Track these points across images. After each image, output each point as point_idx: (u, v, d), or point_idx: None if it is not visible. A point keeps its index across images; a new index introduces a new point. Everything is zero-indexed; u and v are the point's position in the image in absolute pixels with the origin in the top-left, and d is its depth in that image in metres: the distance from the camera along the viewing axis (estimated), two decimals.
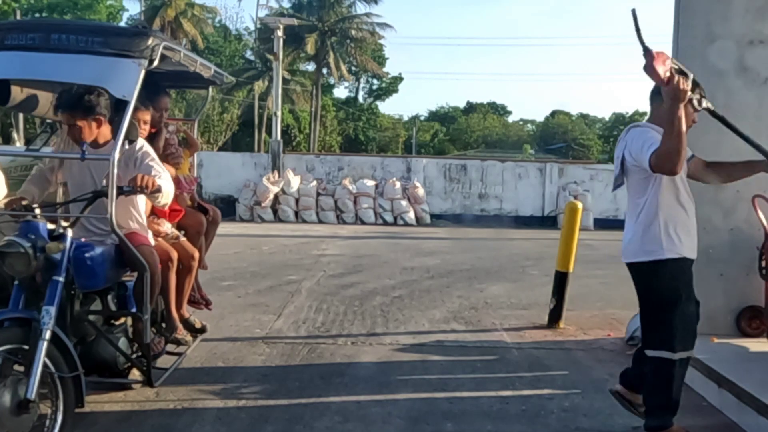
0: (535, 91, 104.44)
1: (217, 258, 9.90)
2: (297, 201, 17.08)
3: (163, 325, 3.85)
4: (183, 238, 3.99)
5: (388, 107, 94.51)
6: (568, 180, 18.18)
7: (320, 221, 17.04)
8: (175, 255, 3.74)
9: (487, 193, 18.16)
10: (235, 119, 39.45)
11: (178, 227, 4.11)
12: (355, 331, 5.58)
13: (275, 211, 17.01)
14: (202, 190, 17.64)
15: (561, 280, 5.75)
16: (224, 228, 14.67)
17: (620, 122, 73.27)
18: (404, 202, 17.20)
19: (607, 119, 74.14)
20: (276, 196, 16.93)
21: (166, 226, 3.88)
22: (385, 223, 17.11)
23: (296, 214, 17.08)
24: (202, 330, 4.25)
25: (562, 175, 18.20)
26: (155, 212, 3.83)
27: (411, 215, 17.16)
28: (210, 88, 4.80)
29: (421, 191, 17.46)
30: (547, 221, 17.92)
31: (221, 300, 6.70)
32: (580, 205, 5.69)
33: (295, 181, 17.10)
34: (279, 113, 17.79)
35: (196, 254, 4.00)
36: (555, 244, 13.30)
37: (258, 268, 8.99)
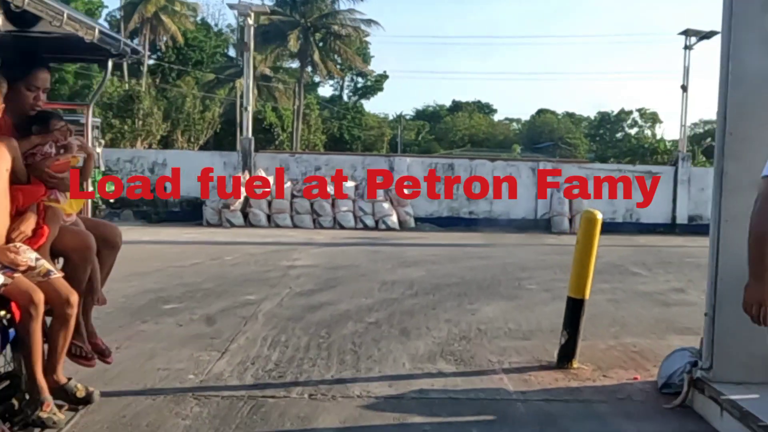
0: (519, 90, 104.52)
1: (169, 272, 8.77)
2: (270, 204, 15.93)
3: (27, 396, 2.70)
4: (56, 275, 2.83)
5: (373, 106, 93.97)
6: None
7: (295, 226, 15.90)
8: (39, 298, 2.61)
9: (476, 194, 17.10)
10: (216, 118, 38.49)
11: (54, 253, 2.95)
12: (315, 377, 4.46)
13: (246, 215, 15.85)
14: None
15: (575, 309, 4.67)
16: (188, 234, 13.53)
17: (606, 121, 73.31)
18: (386, 205, 16.12)
19: (592, 118, 74.05)
20: (247, 199, 15.76)
21: (27, 256, 2.71)
22: (366, 227, 16.01)
23: (269, 218, 15.93)
24: (87, 400, 3.10)
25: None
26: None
27: (394, 219, 16.08)
28: (110, 63, 3.63)
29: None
30: (541, 224, 16.93)
31: (158, 330, 5.57)
32: (599, 216, 4.57)
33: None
34: (250, 108, 16.64)
35: (74, 297, 2.84)
36: (552, 251, 12.23)
37: (214, 284, 7.84)
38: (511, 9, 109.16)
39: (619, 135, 72.72)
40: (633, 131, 72.35)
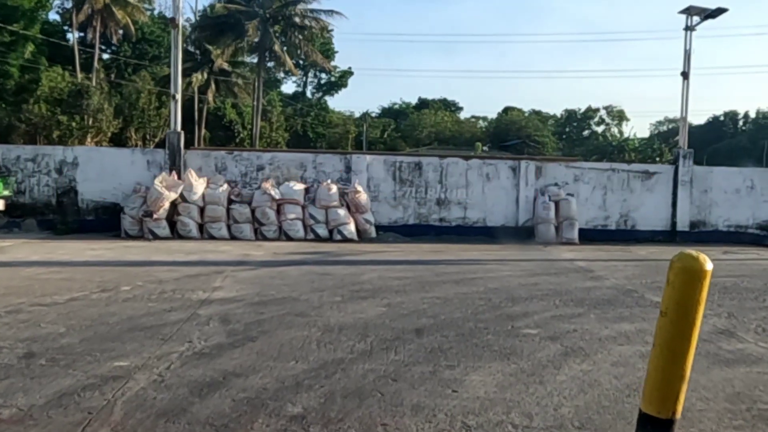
0: (485, 88, 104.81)
1: (25, 316, 6.29)
2: (202, 211, 13.59)
3: None
4: None
5: (338, 103, 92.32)
6: (548, 181, 15.22)
7: (233, 237, 13.60)
8: None
9: (447, 198, 15.04)
10: None
11: None
12: None
13: (173, 225, 13.48)
14: (78, 197, 14.01)
15: None
16: (93, 251, 11.10)
17: (573, 119, 73.12)
18: (342, 211, 13.92)
19: (559, 115, 74.04)
20: (174, 205, 13.39)
21: None
22: (318, 238, 13.79)
23: (201, 227, 13.59)
24: None
25: (540, 175, 15.19)
26: None
27: (351, 228, 13.90)
28: None
29: (363, 197, 14.22)
30: (522, 233, 14.93)
31: None
32: (708, 265, 2.43)
33: (199, 185, 13.59)
34: (178, 96, 14.25)
35: None
36: (542, 270, 10.03)
37: (79, 337, 5.56)
38: (478, 7, 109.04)
39: (585, 133, 72.68)
40: (600, 129, 72.50)
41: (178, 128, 14.32)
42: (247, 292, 7.77)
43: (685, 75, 15.56)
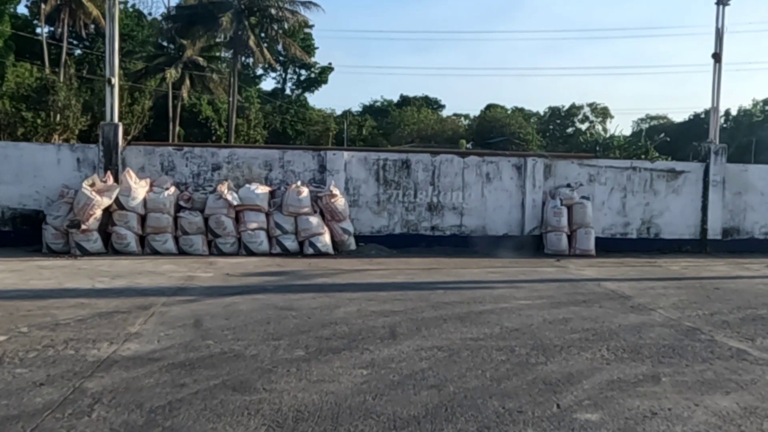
0: (467, 85, 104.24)
1: None
2: (143, 220, 11.39)
3: None
4: None
5: (319, 101, 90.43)
6: (558, 182, 13.21)
7: (181, 251, 11.43)
8: None
9: (440, 202, 12.97)
10: (146, 111, 35.71)
11: None
12: None
13: (107, 237, 11.26)
14: None
15: None
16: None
17: (556, 116, 72.06)
18: (315, 220, 11.79)
19: (542, 113, 73.13)
20: (108, 213, 11.18)
21: None
22: (286, 252, 11.65)
23: (142, 240, 11.39)
24: None
25: (549, 174, 13.16)
26: None
27: (325, 239, 11.78)
28: None
29: (341, 202, 12.10)
30: (529, 244, 12.92)
31: None
32: None
33: (139, 189, 11.38)
34: (115, 80, 12.01)
35: None
36: (566, 296, 7.97)
37: None
38: (458, 5, 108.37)
39: (569, 130, 71.67)
40: (584, 126, 71.51)
41: (116, 119, 12.08)
42: (173, 342, 5.63)
43: (716, 57, 13.64)
